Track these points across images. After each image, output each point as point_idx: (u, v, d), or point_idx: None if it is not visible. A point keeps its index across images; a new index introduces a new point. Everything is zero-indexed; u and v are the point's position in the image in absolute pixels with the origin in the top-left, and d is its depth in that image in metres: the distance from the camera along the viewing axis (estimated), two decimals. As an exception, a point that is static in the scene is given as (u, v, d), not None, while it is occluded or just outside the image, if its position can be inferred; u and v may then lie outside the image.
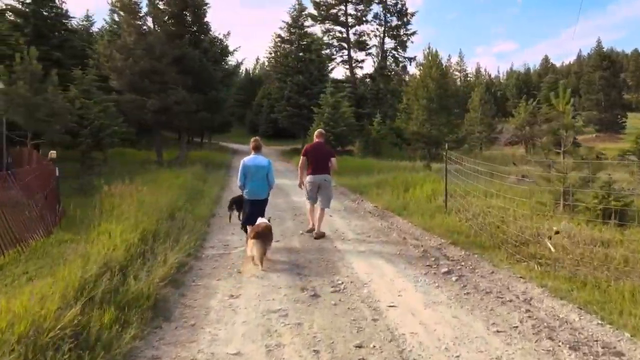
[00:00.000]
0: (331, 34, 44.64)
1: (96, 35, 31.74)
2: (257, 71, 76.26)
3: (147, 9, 20.47)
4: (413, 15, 45.17)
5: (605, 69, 56.65)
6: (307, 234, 7.50)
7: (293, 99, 32.44)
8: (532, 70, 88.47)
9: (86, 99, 16.33)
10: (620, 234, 6.62)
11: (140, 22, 20.25)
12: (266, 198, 6.82)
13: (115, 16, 26.93)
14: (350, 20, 44.48)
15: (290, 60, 35.15)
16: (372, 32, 45.56)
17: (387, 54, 45.66)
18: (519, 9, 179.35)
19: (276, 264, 5.89)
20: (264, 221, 6.09)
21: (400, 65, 46.16)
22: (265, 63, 62.54)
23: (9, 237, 5.98)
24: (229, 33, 33.06)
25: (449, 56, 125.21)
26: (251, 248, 5.60)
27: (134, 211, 7.20)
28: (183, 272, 5.35)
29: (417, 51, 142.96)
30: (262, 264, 5.58)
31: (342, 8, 43.83)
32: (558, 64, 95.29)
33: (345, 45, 44.84)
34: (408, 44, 45.09)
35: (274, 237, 6.30)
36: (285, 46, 39.79)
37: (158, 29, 20.78)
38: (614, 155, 22.09)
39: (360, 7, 44.19)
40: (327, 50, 43.82)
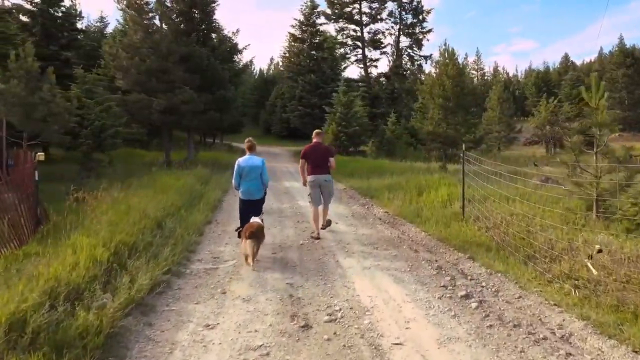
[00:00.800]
0: (345, 32, 43.89)
1: (109, 37, 31.51)
2: (271, 71, 75.79)
3: (154, 6, 19.96)
4: (429, 12, 44.22)
5: (629, 67, 54.56)
6: (310, 239, 7.20)
7: (305, 99, 31.77)
8: (551, 69, 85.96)
9: (88, 98, 15.81)
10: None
11: (148, 20, 19.76)
12: (262, 198, 6.82)
13: (127, 17, 26.59)
14: (364, 19, 43.67)
15: (302, 58, 34.50)
16: (386, 30, 44.74)
17: (403, 53, 44.78)
18: (537, 7, 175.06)
19: (267, 281, 5.15)
20: (257, 221, 6.07)
21: (415, 63, 45.22)
22: (280, 63, 62.03)
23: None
24: (237, 31, 32.26)
25: (466, 55, 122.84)
26: (246, 247, 5.70)
27: (116, 219, 6.53)
28: (157, 294, 4.61)
29: (433, 49, 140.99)
30: (253, 263, 5.67)
31: (357, 6, 43.02)
32: (578, 62, 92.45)
33: (359, 44, 44.01)
34: (424, 42, 44.19)
35: (274, 245, 6.77)
36: (297, 44, 39.10)
37: (165, 27, 20.28)
38: (642, 155, 20.74)
39: (375, 5, 43.39)
40: (341, 49, 43.07)
